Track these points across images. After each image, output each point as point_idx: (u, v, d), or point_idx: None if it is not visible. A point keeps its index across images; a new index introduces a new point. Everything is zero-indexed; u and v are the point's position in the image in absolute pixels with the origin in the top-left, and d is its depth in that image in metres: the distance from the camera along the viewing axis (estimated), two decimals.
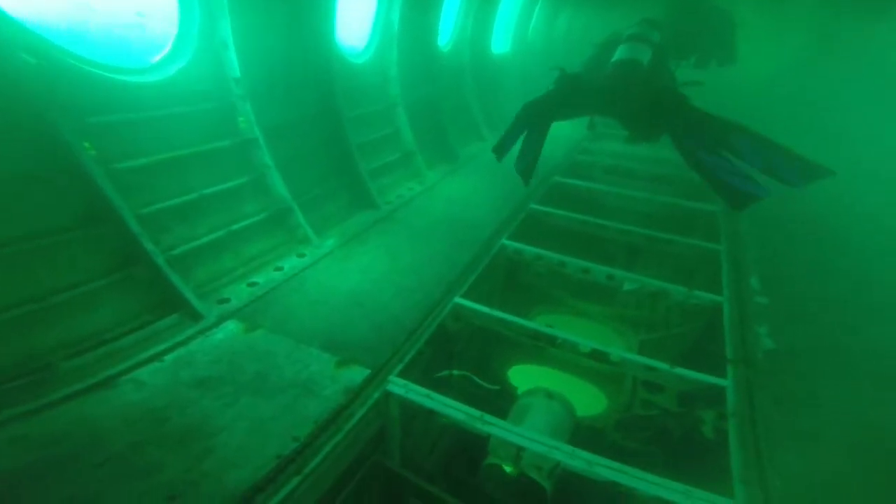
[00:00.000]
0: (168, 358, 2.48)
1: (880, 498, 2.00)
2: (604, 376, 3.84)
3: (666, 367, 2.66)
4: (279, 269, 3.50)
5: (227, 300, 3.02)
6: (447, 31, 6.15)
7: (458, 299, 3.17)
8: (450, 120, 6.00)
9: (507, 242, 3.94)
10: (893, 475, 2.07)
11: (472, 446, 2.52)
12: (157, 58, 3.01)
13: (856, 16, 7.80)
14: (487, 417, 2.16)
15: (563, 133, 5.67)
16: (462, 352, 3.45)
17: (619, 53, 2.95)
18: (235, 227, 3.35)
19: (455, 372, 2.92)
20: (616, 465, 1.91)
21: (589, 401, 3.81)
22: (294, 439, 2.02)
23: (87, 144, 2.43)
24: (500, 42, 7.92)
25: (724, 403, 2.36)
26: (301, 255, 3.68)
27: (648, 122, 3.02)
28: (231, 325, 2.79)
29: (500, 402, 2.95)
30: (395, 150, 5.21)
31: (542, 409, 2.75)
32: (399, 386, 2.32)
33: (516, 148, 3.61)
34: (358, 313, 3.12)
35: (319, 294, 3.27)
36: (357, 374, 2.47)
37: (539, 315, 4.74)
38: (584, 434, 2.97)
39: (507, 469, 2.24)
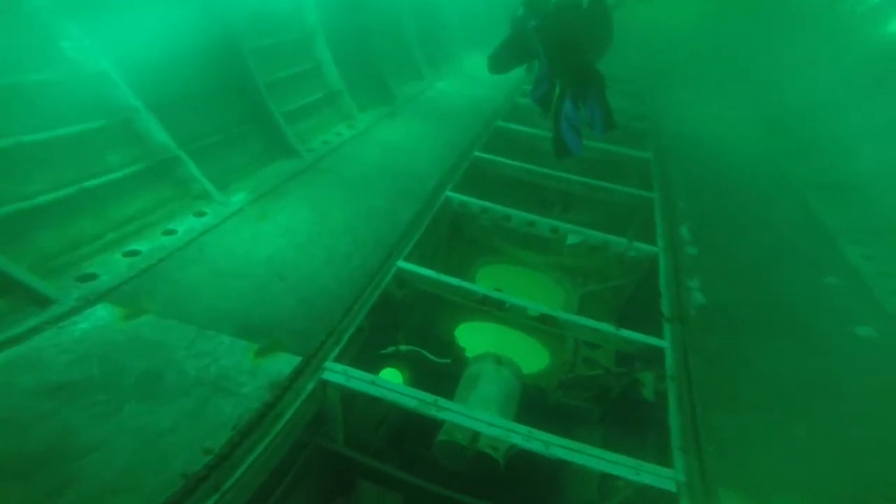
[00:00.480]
0: None
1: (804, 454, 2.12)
2: (548, 334, 3.90)
3: (611, 330, 2.66)
4: (170, 232, 2.84)
5: (92, 277, 2.36)
6: None
7: (401, 263, 2.83)
8: (384, 55, 5.26)
9: (452, 195, 3.63)
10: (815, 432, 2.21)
11: (422, 421, 2.40)
12: None
13: None
14: (441, 402, 1.98)
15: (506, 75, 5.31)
16: (406, 319, 3.23)
17: None
18: (92, 182, 2.61)
19: (402, 347, 2.69)
20: (572, 444, 1.86)
21: (533, 357, 3.87)
22: (206, 452, 1.68)
23: None
24: None
25: (664, 365, 2.42)
26: (200, 215, 3.03)
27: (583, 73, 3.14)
28: (102, 311, 2.18)
29: (451, 370, 2.83)
30: (318, 89, 4.46)
31: (491, 376, 2.68)
32: (338, 373, 2.02)
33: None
34: (281, 287, 2.64)
35: (228, 264, 2.71)
36: (284, 363, 2.08)
37: (482, 267, 4.63)
38: (529, 393, 2.99)
39: (462, 444, 2.16)
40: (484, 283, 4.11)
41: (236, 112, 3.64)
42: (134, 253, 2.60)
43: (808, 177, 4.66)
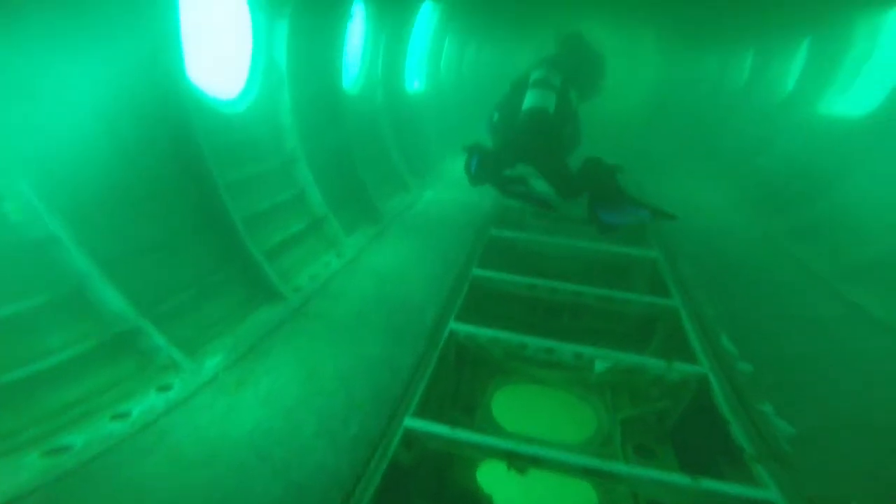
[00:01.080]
0: None
1: None
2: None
3: (687, 482, 2.11)
4: (122, 416, 2.33)
5: None
6: (354, 70, 5.45)
7: (408, 421, 2.37)
8: (367, 171, 5.21)
9: (457, 326, 3.25)
10: None
11: None
12: None
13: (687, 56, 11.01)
14: None
15: None
16: (419, 487, 2.62)
17: (528, 100, 3.29)
18: (33, 367, 2.16)
19: None
20: None
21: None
22: None
23: None
24: (414, 80, 7.46)
25: None
26: (165, 389, 2.55)
27: (562, 178, 3.47)
28: None
29: None
30: (302, 217, 4.22)
31: None
32: None
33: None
34: (263, 471, 2.12)
35: (196, 449, 2.20)
36: None
37: (497, 391, 4.08)
38: None
39: None
40: (501, 411, 3.56)
41: (211, 257, 3.29)
42: (60, 450, 2.05)
43: (824, 260, 4.43)
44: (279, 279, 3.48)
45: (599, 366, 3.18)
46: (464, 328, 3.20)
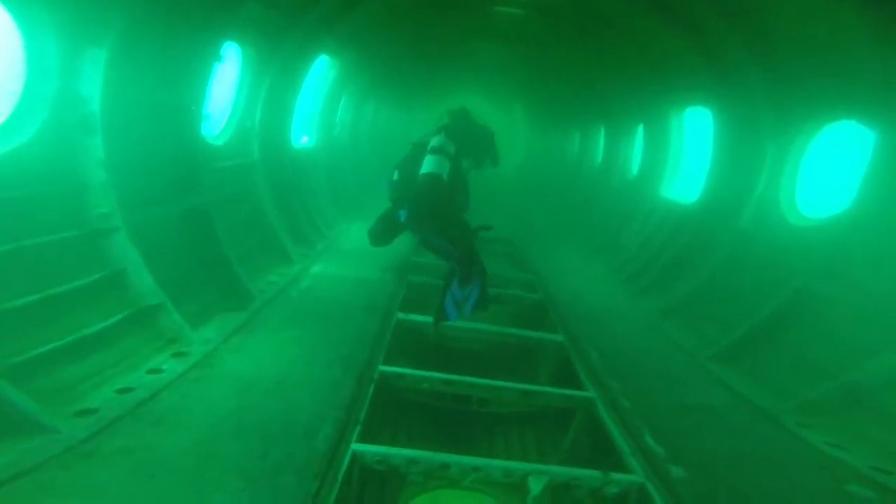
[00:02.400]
0: None
1: None
2: None
3: None
4: None
5: None
6: (221, 118, 4.46)
7: None
8: (234, 240, 4.11)
9: (361, 447, 2.53)
10: None
11: None
12: None
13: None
14: None
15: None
16: None
17: (426, 166, 3.53)
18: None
19: None
20: None
21: None
22: None
23: None
24: (303, 135, 6.66)
25: None
26: None
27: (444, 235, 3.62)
28: None
29: None
30: (117, 306, 2.95)
31: None
32: None
33: None
34: None
35: None
36: None
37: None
38: None
39: None
40: None
41: None
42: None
43: (694, 341, 4.50)
44: (53, 401, 2.17)
45: (535, 486, 2.74)
46: (371, 449, 2.52)
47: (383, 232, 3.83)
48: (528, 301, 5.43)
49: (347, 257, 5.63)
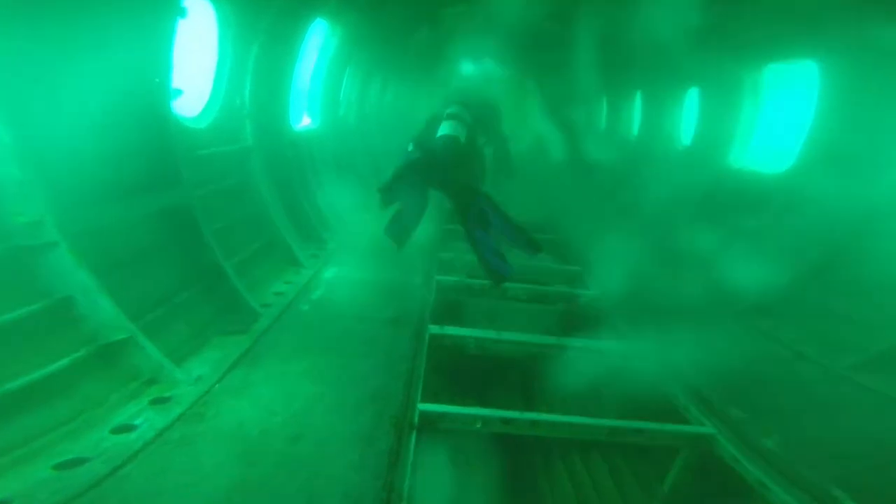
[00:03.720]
0: None
1: None
2: None
3: None
4: None
5: None
6: (198, 93, 3.64)
7: None
8: (229, 246, 3.36)
9: None
10: None
11: None
12: None
13: None
14: None
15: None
16: None
17: (443, 129, 3.65)
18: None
19: None
20: None
21: None
22: None
23: None
24: (302, 114, 5.83)
25: None
26: None
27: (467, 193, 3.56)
28: None
29: None
30: (69, 345, 2.19)
31: None
32: None
33: None
34: None
35: None
36: None
37: None
38: None
39: None
40: None
41: None
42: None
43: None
44: None
45: None
46: None
47: (392, 188, 3.56)
48: (581, 300, 4.65)
49: (363, 255, 4.86)
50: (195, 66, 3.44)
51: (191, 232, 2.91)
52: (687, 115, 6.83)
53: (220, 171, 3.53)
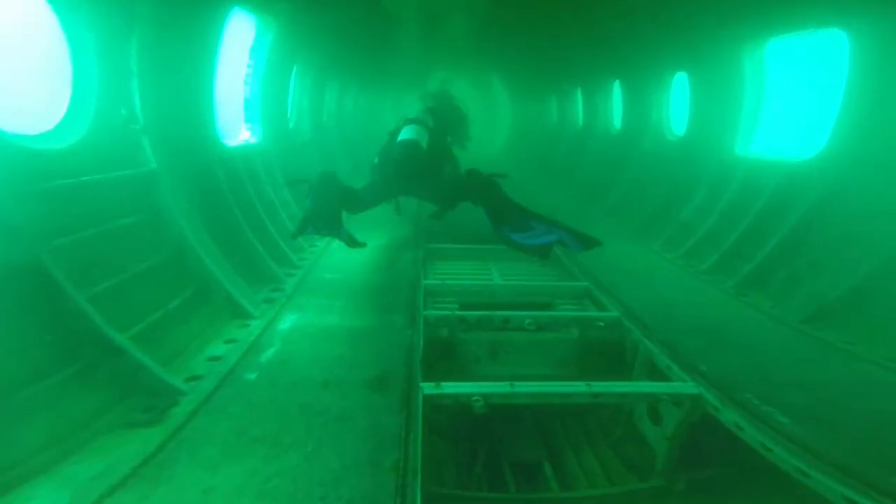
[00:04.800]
0: None
1: None
2: None
3: None
4: None
5: None
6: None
7: None
8: (133, 304, 2.44)
9: None
10: None
11: None
12: None
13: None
14: None
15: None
16: None
17: (402, 135, 3.70)
18: None
19: None
20: None
21: None
22: None
23: None
24: (242, 125, 4.94)
25: None
26: None
27: (447, 195, 3.83)
28: None
29: None
30: None
31: None
32: None
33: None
34: None
35: None
36: None
37: None
38: None
39: None
40: None
41: None
42: None
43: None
44: None
45: None
46: None
47: (365, 200, 3.74)
48: (599, 324, 3.91)
49: (332, 291, 3.99)
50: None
51: (49, 298, 1.98)
52: (675, 103, 6.36)
53: (108, 206, 2.58)
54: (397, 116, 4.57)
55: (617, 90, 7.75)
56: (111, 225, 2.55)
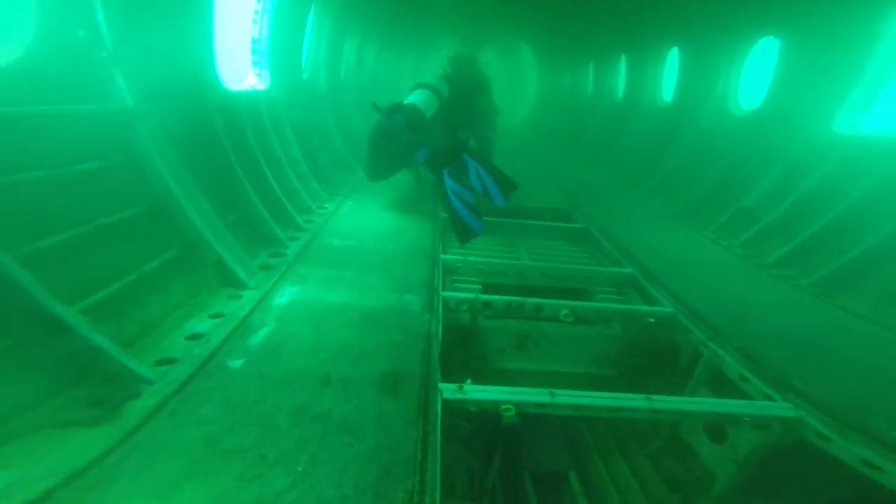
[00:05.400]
0: None
1: None
2: None
3: None
4: None
5: None
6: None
7: None
8: (92, 266, 1.96)
9: None
10: None
11: None
12: None
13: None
14: None
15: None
16: None
17: (408, 99, 3.84)
18: None
19: None
20: None
21: None
22: None
23: None
24: (250, 69, 4.33)
25: None
26: None
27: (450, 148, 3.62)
28: None
29: None
30: None
31: None
32: None
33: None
34: None
35: None
36: None
37: None
38: None
39: None
40: None
41: None
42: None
43: None
44: None
45: None
46: None
47: (378, 161, 3.72)
48: (648, 320, 3.35)
49: (340, 261, 3.48)
50: None
51: None
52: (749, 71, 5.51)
53: (64, 146, 2.06)
54: (418, 79, 4.45)
55: (673, 57, 6.86)
56: (68, 169, 2.03)
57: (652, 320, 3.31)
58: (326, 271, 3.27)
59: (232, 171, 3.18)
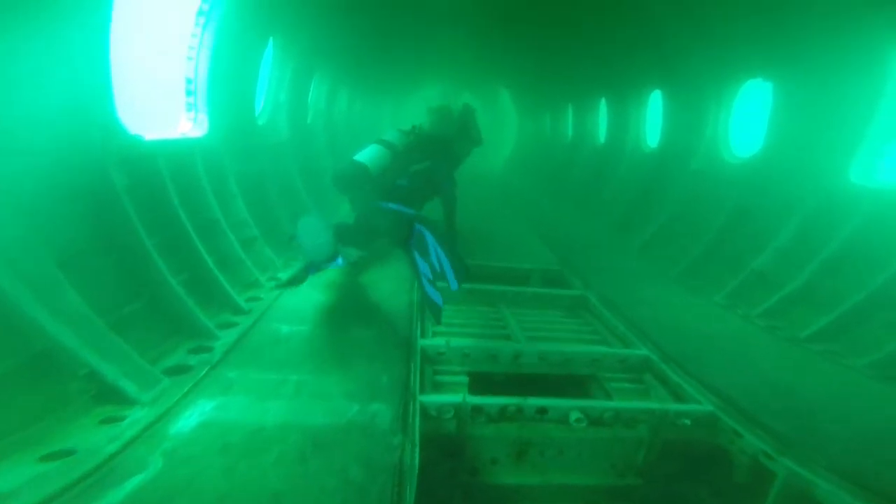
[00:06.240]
0: None
1: None
2: None
3: None
4: None
5: None
6: None
7: None
8: None
9: None
10: None
11: None
12: None
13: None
14: None
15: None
16: None
17: (358, 155, 3.60)
18: None
19: None
20: None
21: None
22: None
23: None
24: (179, 112, 3.62)
25: None
26: None
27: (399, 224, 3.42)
28: None
29: None
30: None
31: None
32: None
33: None
34: None
35: None
36: None
37: None
38: None
39: None
40: None
41: None
42: None
43: None
44: None
45: None
46: None
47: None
48: (682, 422, 2.65)
49: (285, 357, 2.68)
50: None
51: None
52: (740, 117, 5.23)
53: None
54: (394, 126, 4.17)
55: (656, 101, 6.63)
56: None
57: (688, 422, 2.63)
58: (264, 374, 2.45)
59: (137, 244, 2.40)
